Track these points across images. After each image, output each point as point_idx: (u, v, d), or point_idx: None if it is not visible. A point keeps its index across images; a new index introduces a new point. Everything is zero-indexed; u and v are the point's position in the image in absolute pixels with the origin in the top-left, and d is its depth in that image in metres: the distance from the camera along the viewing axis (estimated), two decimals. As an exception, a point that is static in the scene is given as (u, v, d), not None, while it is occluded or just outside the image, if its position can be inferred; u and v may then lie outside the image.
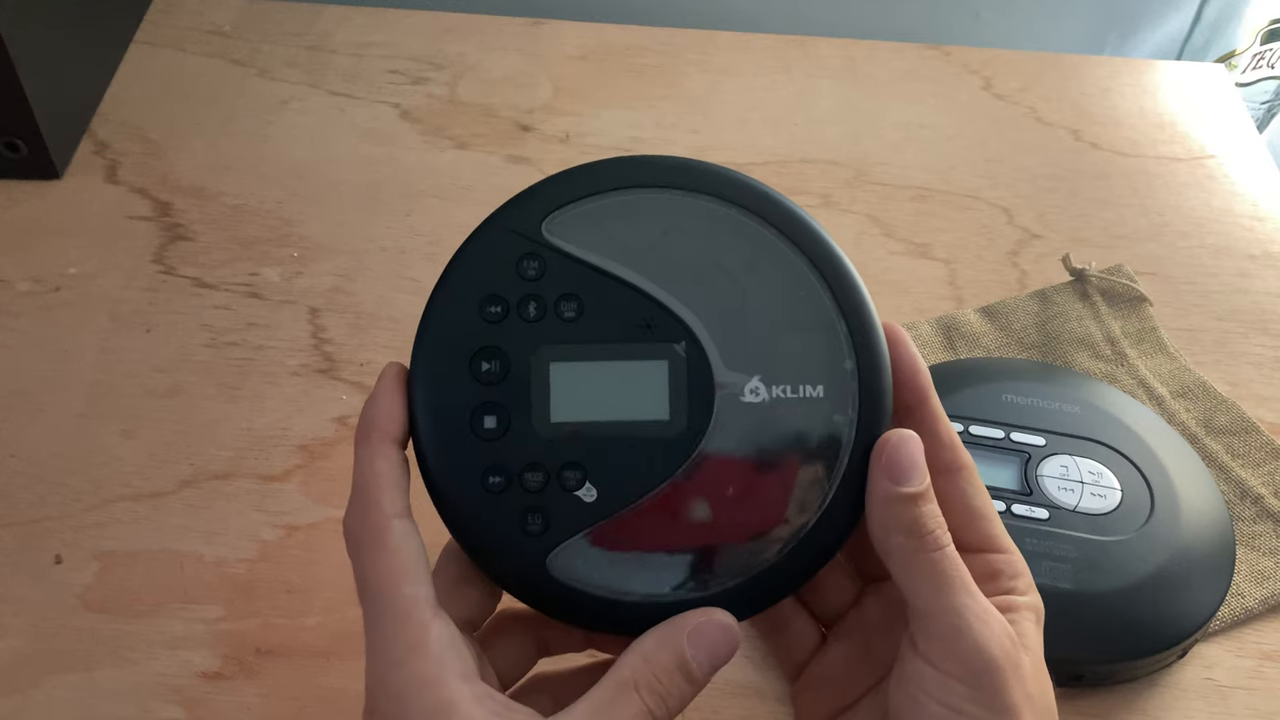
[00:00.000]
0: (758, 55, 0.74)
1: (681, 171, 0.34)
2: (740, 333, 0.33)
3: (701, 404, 0.32)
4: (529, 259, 0.33)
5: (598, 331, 0.33)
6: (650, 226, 0.33)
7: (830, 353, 0.32)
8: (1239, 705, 0.45)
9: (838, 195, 0.65)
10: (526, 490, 0.32)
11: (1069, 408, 0.49)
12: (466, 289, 0.33)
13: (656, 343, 0.32)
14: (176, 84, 0.69)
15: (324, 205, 0.62)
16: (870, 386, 0.32)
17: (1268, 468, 0.51)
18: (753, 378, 0.32)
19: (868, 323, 0.33)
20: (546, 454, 0.32)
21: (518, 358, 0.32)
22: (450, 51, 0.72)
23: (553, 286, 0.33)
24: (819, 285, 0.33)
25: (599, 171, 0.34)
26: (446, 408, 0.32)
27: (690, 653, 0.30)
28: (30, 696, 0.43)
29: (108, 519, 0.48)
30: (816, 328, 0.33)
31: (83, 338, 0.55)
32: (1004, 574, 0.33)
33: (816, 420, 0.32)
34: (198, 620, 0.45)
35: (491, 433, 0.32)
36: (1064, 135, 0.69)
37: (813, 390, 0.32)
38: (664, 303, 0.33)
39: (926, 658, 0.31)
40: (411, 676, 0.29)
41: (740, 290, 0.33)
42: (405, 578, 0.30)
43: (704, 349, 0.32)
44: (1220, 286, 0.61)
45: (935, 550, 0.31)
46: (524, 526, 0.32)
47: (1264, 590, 0.47)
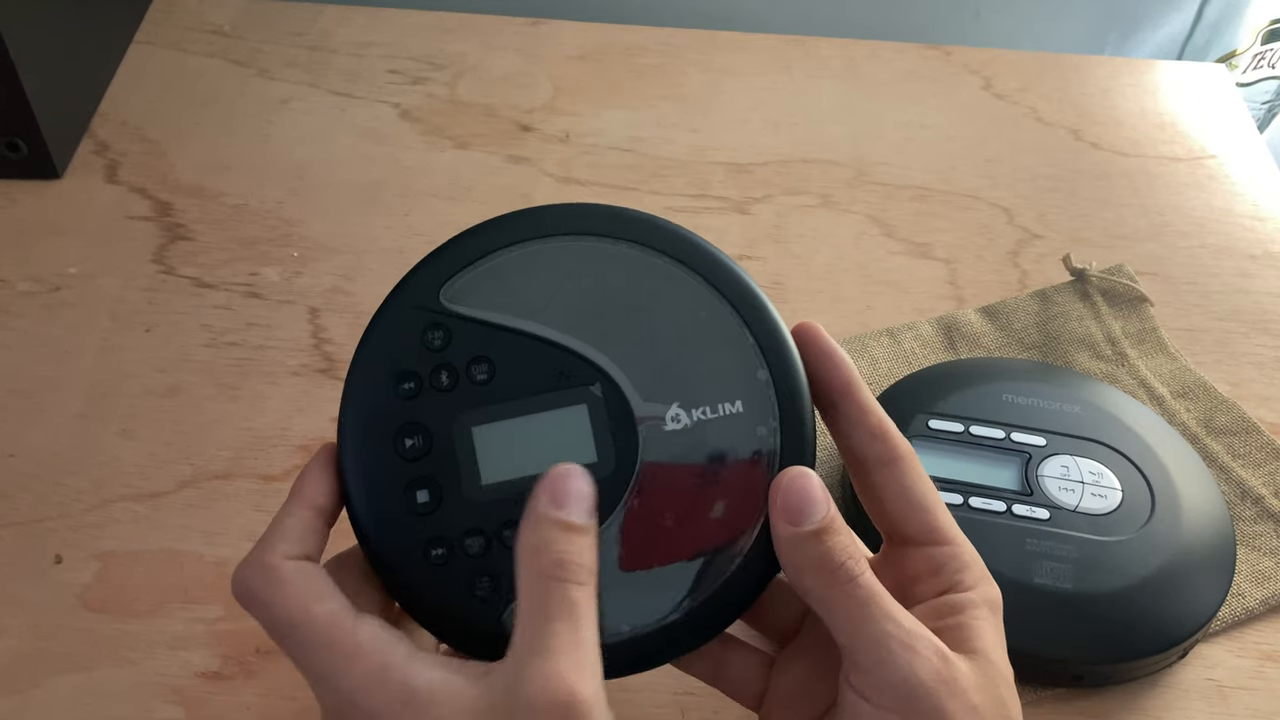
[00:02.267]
0: (758, 55, 0.74)
1: (566, 217, 0.34)
2: (652, 364, 0.33)
3: (627, 440, 0.32)
4: (432, 330, 0.33)
5: (512, 389, 0.33)
6: (545, 276, 0.34)
7: (742, 366, 0.33)
8: (1239, 705, 0.45)
9: (838, 195, 0.65)
10: (469, 556, 0.32)
11: (1069, 408, 0.49)
12: (378, 370, 0.33)
13: (571, 389, 0.33)
14: (176, 84, 0.69)
15: (324, 205, 0.62)
16: (787, 392, 0.33)
17: (1268, 468, 0.51)
18: (672, 405, 0.33)
19: (773, 329, 0.33)
20: (483, 517, 0.32)
21: (439, 429, 0.33)
22: (450, 51, 0.72)
23: (460, 352, 0.33)
24: (719, 302, 0.33)
25: (488, 231, 0.34)
26: (378, 489, 0.33)
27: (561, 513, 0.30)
28: (30, 696, 0.43)
29: (108, 519, 0.48)
30: (725, 344, 0.33)
31: (83, 338, 0.55)
32: (948, 568, 0.33)
33: (741, 436, 0.32)
34: (198, 620, 0.45)
35: (426, 506, 0.32)
36: (1064, 135, 0.69)
37: (731, 407, 0.33)
38: (573, 348, 0.33)
39: (860, 692, 0.30)
40: (360, 680, 0.29)
41: (645, 322, 0.33)
42: (311, 600, 0.30)
43: (619, 387, 0.33)
44: (1221, 286, 0.61)
45: (848, 582, 0.30)
46: (473, 591, 0.32)
47: (1265, 590, 0.47)
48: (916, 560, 0.33)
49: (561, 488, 0.30)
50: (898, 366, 0.55)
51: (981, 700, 0.30)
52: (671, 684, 0.44)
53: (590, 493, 0.31)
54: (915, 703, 0.29)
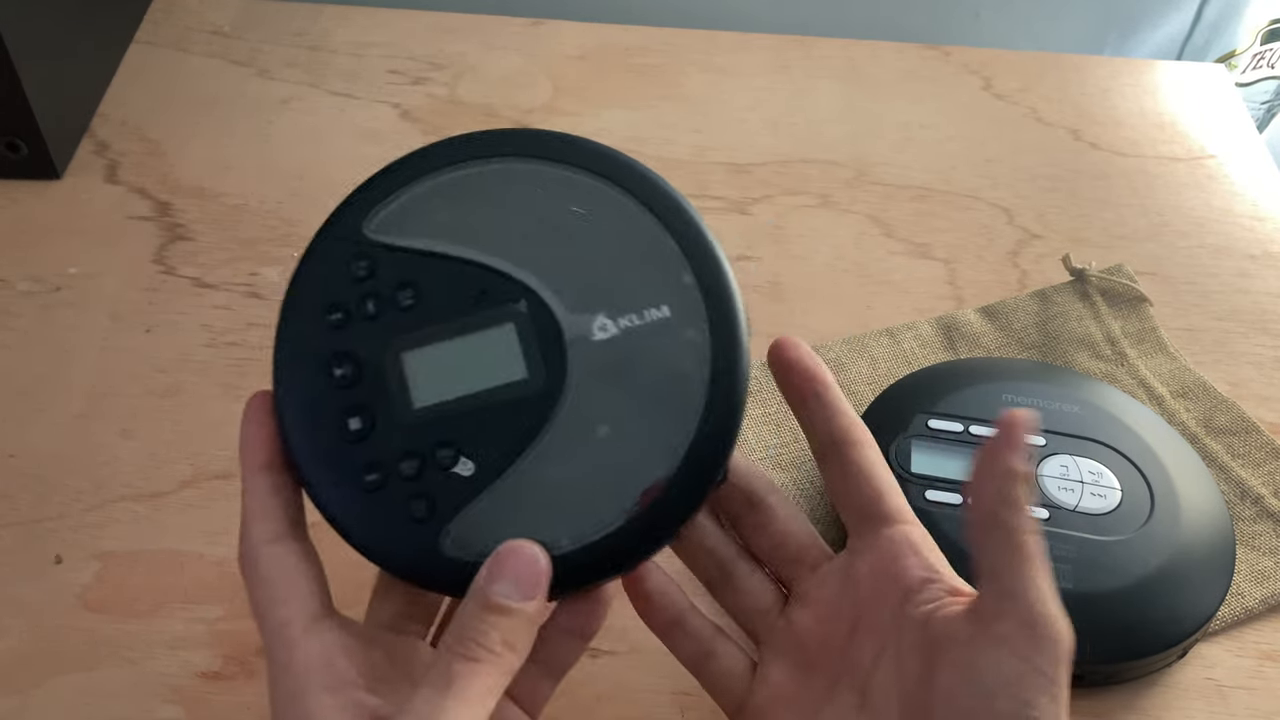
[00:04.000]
0: (758, 55, 0.74)
1: (478, 143, 0.35)
2: (577, 277, 0.33)
3: (555, 353, 0.32)
4: (356, 260, 0.34)
5: (439, 312, 0.33)
6: (464, 201, 0.34)
7: (666, 271, 0.33)
8: (1239, 705, 0.45)
9: (838, 195, 0.65)
10: (404, 479, 0.32)
11: (1069, 408, 0.49)
12: (307, 303, 0.34)
13: (497, 307, 0.33)
14: (176, 84, 0.69)
15: (324, 205, 0.62)
16: (714, 293, 0.33)
17: (1268, 468, 0.51)
18: (598, 315, 0.33)
19: (695, 233, 0.33)
20: (416, 440, 0.32)
21: (368, 356, 0.33)
22: (450, 51, 0.72)
23: (386, 280, 0.33)
24: (641, 212, 0.33)
25: (405, 164, 0.35)
26: (311, 420, 0.33)
27: (489, 589, 0.30)
28: (30, 696, 0.43)
29: (108, 519, 0.48)
30: (649, 252, 0.33)
31: (83, 338, 0.55)
32: (924, 545, 0.34)
33: (670, 340, 0.32)
34: (198, 620, 0.45)
35: (359, 433, 0.33)
36: (1064, 135, 0.69)
37: (658, 312, 0.32)
38: (496, 267, 0.33)
39: (1004, 642, 0.30)
40: (281, 693, 0.30)
41: (566, 237, 0.33)
42: (275, 602, 0.31)
43: (545, 301, 0.33)
44: (1220, 286, 0.61)
45: (1033, 532, 0.31)
46: (410, 514, 0.32)
47: (1264, 590, 0.47)
48: (892, 540, 0.34)
49: (496, 565, 0.30)
50: (897, 366, 0.55)
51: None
52: (671, 684, 0.44)
53: (528, 570, 0.30)
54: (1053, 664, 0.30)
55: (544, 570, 0.30)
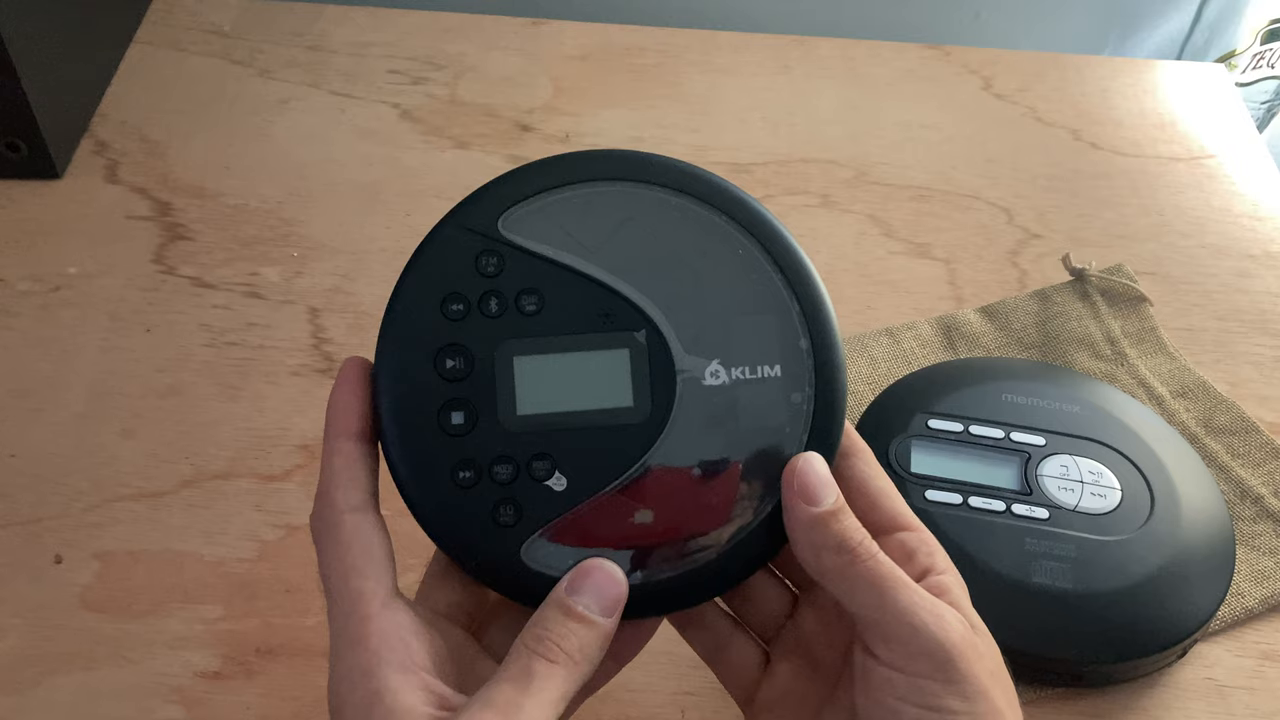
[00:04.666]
0: (758, 55, 0.74)
1: (633, 164, 0.35)
2: (698, 318, 0.33)
3: (664, 388, 0.33)
4: (487, 255, 0.34)
5: (559, 324, 0.33)
6: (604, 219, 0.34)
7: (785, 333, 0.33)
8: (1239, 705, 0.45)
9: (838, 195, 0.65)
10: (496, 483, 0.32)
11: (1069, 407, 0.49)
12: (428, 288, 0.33)
13: (617, 332, 0.33)
14: (176, 84, 0.69)
15: (324, 205, 0.62)
16: (824, 363, 0.33)
17: (1268, 467, 0.51)
18: (712, 361, 0.33)
19: (818, 302, 0.34)
20: (515, 446, 0.33)
21: (482, 353, 0.33)
22: (450, 51, 0.72)
23: (512, 282, 0.33)
24: (770, 269, 0.34)
25: (552, 167, 0.34)
26: (413, 406, 0.33)
27: (571, 598, 0.31)
28: (30, 696, 0.43)
29: (108, 519, 0.48)
30: (770, 310, 0.34)
31: (83, 338, 0.55)
32: (920, 551, 0.34)
33: (775, 399, 0.33)
34: (198, 620, 0.45)
35: (459, 428, 0.33)
36: (1064, 135, 0.69)
37: (770, 370, 0.33)
38: (622, 293, 0.33)
39: (890, 664, 0.31)
40: (349, 668, 0.30)
41: (695, 277, 0.34)
42: (353, 572, 0.31)
43: (664, 336, 0.33)
44: (1220, 286, 0.61)
45: (869, 559, 0.32)
46: (496, 518, 0.32)
47: (1264, 590, 0.47)
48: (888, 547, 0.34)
49: (580, 577, 0.31)
50: (897, 366, 0.55)
51: (994, 665, 0.31)
52: (671, 684, 0.44)
53: (610, 589, 0.31)
54: (949, 667, 0.30)
55: (623, 592, 0.31)
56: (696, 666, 0.38)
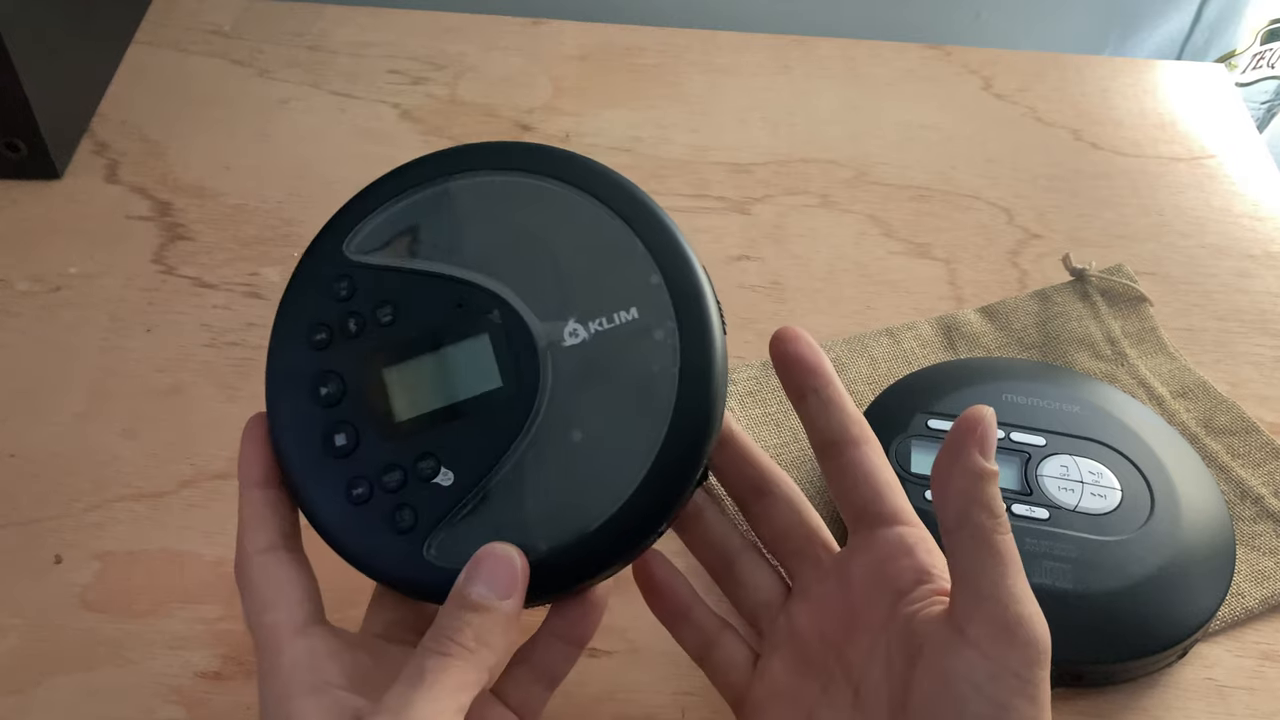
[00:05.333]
0: (758, 55, 0.74)
1: (452, 159, 0.36)
2: (547, 284, 0.34)
3: (529, 362, 0.33)
4: (338, 281, 0.35)
5: (416, 326, 0.34)
6: (439, 216, 0.35)
7: (635, 274, 0.33)
8: (1239, 705, 0.45)
9: (838, 195, 0.65)
10: (388, 491, 0.33)
11: (1069, 408, 0.49)
12: (294, 324, 0.35)
13: (473, 319, 0.34)
14: (176, 84, 0.69)
15: (324, 205, 0.61)
16: (682, 291, 0.33)
17: (1268, 468, 0.51)
18: (568, 320, 0.33)
19: (662, 233, 0.34)
20: (399, 453, 0.33)
21: (352, 373, 0.34)
22: (450, 51, 0.72)
23: (365, 299, 0.35)
24: (608, 215, 0.34)
25: (381, 185, 0.36)
26: (300, 439, 0.34)
27: (467, 588, 0.31)
28: (30, 696, 0.43)
29: (108, 519, 0.48)
30: (617, 255, 0.34)
31: (83, 338, 0.55)
32: (919, 548, 0.34)
33: (639, 341, 0.33)
34: (198, 620, 0.45)
35: (344, 449, 0.34)
36: (1064, 135, 0.69)
37: (627, 314, 0.33)
38: (470, 280, 0.34)
39: (977, 645, 0.30)
40: (267, 698, 0.31)
41: (537, 245, 0.34)
42: (265, 608, 0.32)
43: (516, 310, 0.34)
44: (1220, 286, 0.61)
45: (1006, 532, 0.31)
46: (395, 524, 0.33)
47: (1264, 590, 0.47)
48: (888, 540, 0.34)
49: (474, 566, 0.31)
50: (897, 366, 0.55)
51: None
52: (671, 684, 0.44)
53: (502, 570, 0.31)
54: (1035, 665, 0.30)
55: (519, 570, 0.31)
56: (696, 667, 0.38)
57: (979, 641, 0.30)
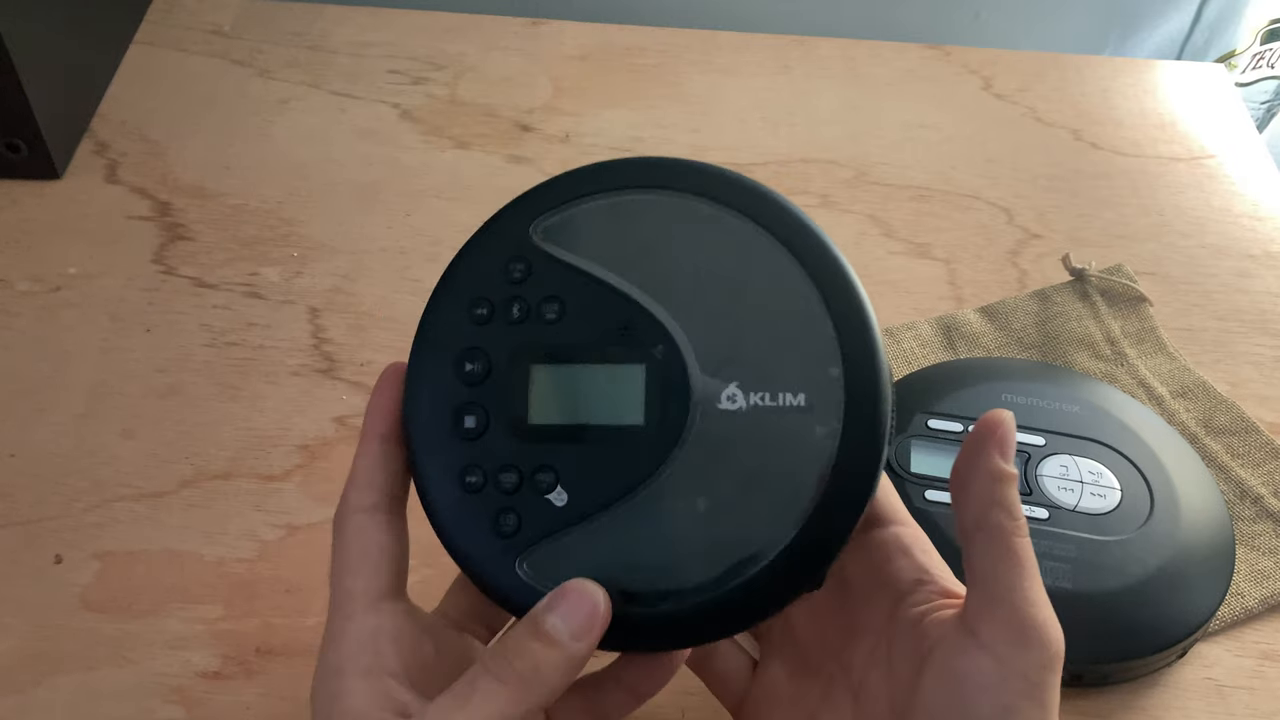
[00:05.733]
0: (758, 55, 0.74)
1: (671, 171, 0.34)
2: (721, 336, 0.32)
3: (678, 410, 0.32)
4: (516, 261, 0.34)
5: (578, 333, 0.33)
6: (637, 229, 0.33)
7: (814, 359, 0.31)
8: (1239, 705, 0.45)
9: (838, 195, 0.65)
10: (501, 490, 0.32)
11: (1069, 407, 0.49)
12: (459, 290, 0.34)
13: (634, 346, 0.32)
14: (176, 84, 0.69)
15: (324, 205, 0.62)
16: (857, 395, 0.31)
17: (1268, 467, 0.51)
18: (730, 384, 0.32)
19: (859, 323, 0.31)
20: (522, 455, 0.32)
21: (499, 359, 0.33)
22: (450, 51, 0.72)
23: (537, 289, 0.33)
24: (807, 285, 0.32)
25: (589, 175, 0.34)
26: (431, 407, 0.33)
27: (541, 617, 0.30)
28: (30, 696, 0.43)
29: (108, 519, 0.48)
30: (803, 330, 0.31)
31: (83, 338, 0.55)
32: (915, 548, 0.34)
33: (796, 430, 0.31)
34: (198, 620, 0.45)
35: (471, 432, 0.33)
36: (1064, 135, 0.69)
37: (793, 399, 0.31)
38: (644, 305, 0.33)
39: (990, 648, 0.30)
40: (325, 663, 0.31)
41: (724, 291, 0.32)
42: (346, 570, 0.31)
43: (681, 353, 0.32)
44: (1220, 286, 0.61)
45: (1024, 535, 0.31)
46: (498, 526, 0.32)
47: (1264, 590, 0.47)
48: (884, 541, 0.34)
49: (557, 597, 0.30)
50: (897, 366, 0.55)
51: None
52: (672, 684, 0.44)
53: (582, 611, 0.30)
54: (1046, 671, 0.30)
55: (601, 616, 0.30)
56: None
57: (992, 644, 0.30)
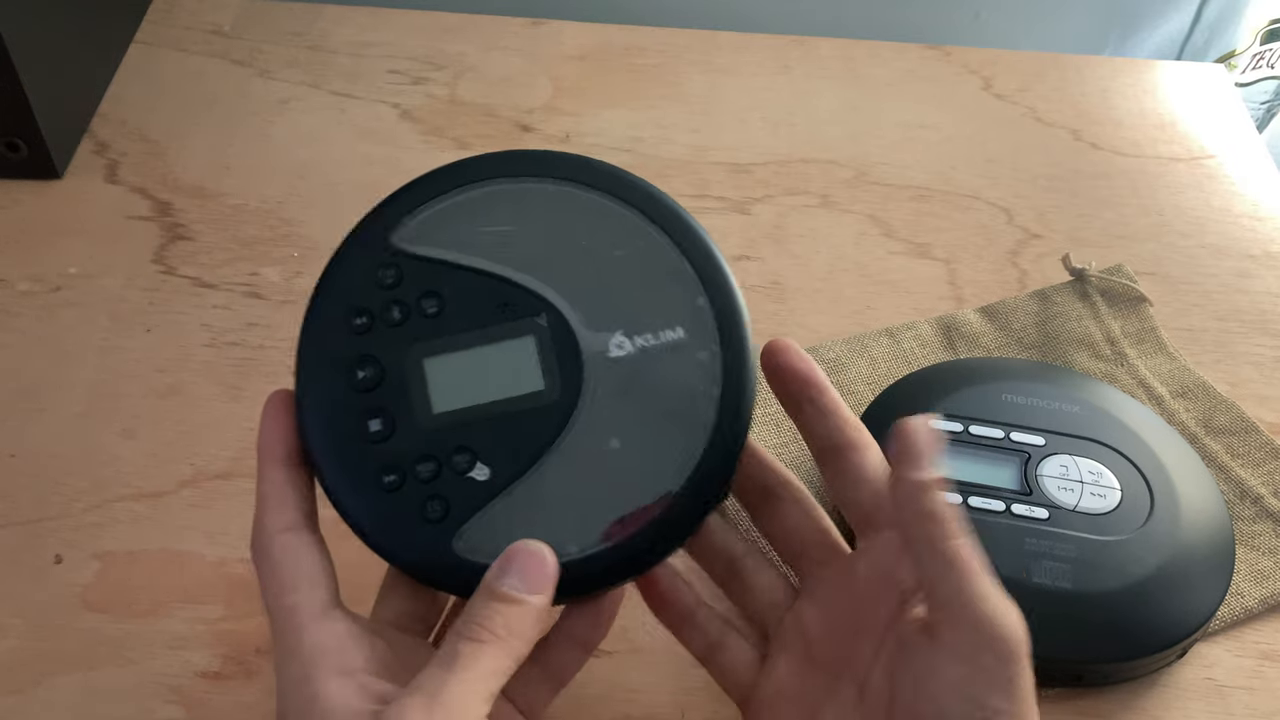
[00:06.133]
0: (758, 55, 0.74)
1: (506, 162, 0.36)
2: (596, 296, 0.34)
3: (572, 367, 0.33)
4: (384, 268, 0.35)
5: (461, 321, 0.34)
6: (491, 216, 0.35)
7: (683, 295, 0.34)
8: (1239, 705, 0.45)
9: (838, 195, 0.65)
10: (421, 481, 0.33)
11: (1069, 407, 0.49)
12: (332, 308, 0.34)
13: (519, 319, 0.34)
14: (176, 84, 0.69)
15: (324, 205, 0.62)
16: (726, 317, 0.34)
17: (1268, 467, 0.51)
18: (615, 333, 0.34)
19: (710, 259, 0.34)
20: (434, 444, 0.33)
21: (391, 361, 0.34)
22: (450, 51, 0.72)
23: (411, 289, 0.34)
24: (659, 235, 0.35)
25: (432, 178, 0.36)
26: (332, 420, 0.33)
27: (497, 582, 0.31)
28: (30, 696, 0.43)
29: (108, 519, 0.48)
30: (666, 275, 0.34)
31: (83, 338, 0.55)
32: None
33: (683, 360, 0.33)
34: (198, 620, 0.45)
35: (378, 434, 0.33)
36: (1064, 135, 0.69)
37: (673, 333, 0.34)
38: (519, 282, 0.34)
39: (949, 648, 0.31)
40: (288, 680, 0.31)
41: (588, 256, 0.34)
42: (286, 589, 0.32)
43: (564, 317, 0.34)
44: (1220, 286, 0.61)
45: (957, 538, 0.31)
46: (425, 514, 0.33)
47: (1264, 590, 0.47)
48: (891, 543, 0.34)
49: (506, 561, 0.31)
50: (897, 366, 0.55)
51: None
52: (671, 684, 0.44)
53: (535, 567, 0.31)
54: (1008, 663, 0.30)
55: (552, 568, 0.31)
56: (697, 666, 0.38)
57: (950, 644, 0.31)
